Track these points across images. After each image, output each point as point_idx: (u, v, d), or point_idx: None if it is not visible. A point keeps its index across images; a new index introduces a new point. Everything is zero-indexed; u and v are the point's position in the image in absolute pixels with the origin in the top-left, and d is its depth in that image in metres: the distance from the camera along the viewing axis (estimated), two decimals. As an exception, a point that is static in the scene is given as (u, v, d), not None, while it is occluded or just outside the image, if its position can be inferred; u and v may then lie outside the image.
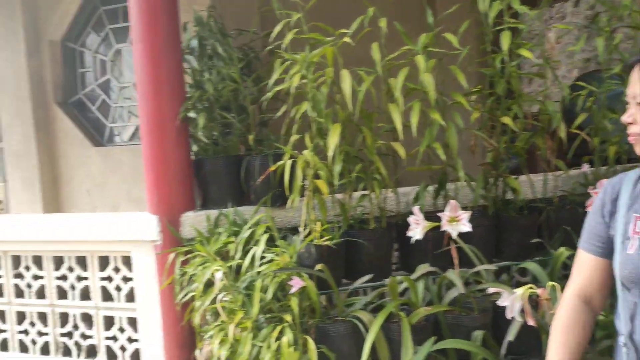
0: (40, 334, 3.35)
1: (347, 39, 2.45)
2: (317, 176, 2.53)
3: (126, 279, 3.13)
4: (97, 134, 5.11)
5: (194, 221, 2.89)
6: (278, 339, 2.20)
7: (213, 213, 2.89)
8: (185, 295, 2.72)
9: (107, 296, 3.19)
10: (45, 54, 5.10)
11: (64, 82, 5.19)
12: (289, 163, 2.56)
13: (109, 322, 3.19)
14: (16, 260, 3.39)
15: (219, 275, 2.34)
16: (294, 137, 2.65)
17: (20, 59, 5.05)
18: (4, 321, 3.44)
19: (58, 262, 3.28)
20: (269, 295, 2.31)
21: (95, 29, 5.06)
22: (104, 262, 3.18)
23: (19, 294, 3.39)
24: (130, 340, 3.13)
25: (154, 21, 2.86)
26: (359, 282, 2.47)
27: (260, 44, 3.70)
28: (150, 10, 2.86)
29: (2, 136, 5.27)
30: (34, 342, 3.37)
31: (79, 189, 5.09)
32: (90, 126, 5.13)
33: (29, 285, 3.36)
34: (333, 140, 2.42)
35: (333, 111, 2.56)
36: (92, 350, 3.24)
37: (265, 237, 2.43)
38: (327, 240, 2.48)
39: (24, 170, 5.15)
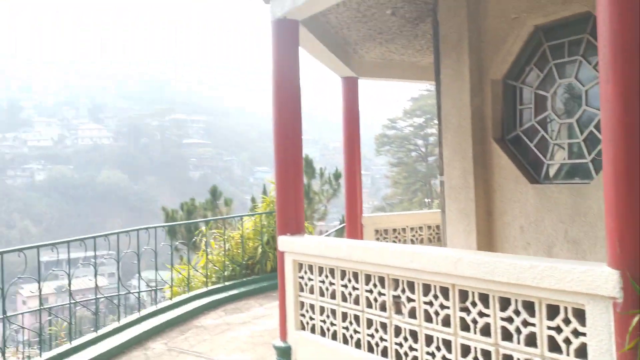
0: (483, 370, 3.41)
1: None
2: None
3: (577, 333, 2.93)
4: (534, 171, 5.06)
5: (667, 282, 2.53)
6: None
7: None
8: (656, 368, 2.37)
9: (554, 346, 3.05)
10: (486, 92, 5.31)
11: (502, 119, 5.31)
12: None
13: (555, 375, 3.04)
14: (463, 295, 3.54)
15: None
16: None
17: (464, 97, 5.37)
18: (449, 351, 3.62)
19: (504, 303, 3.29)
20: None
21: (537, 65, 5.03)
22: (552, 310, 3.05)
23: (464, 327, 3.53)
24: (580, 400, 2.91)
25: (629, 59, 2.63)
26: None
27: None
28: (624, 48, 2.63)
29: (444, 170, 5.67)
30: (476, 377, 3.45)
31: (512, 224, 5.10)
32: (526, 163, 5.11)
33: (474, 321, 3.46)
34: None
35: None
36: (534, 399, 3.14)
37: None
38: None
39: (461, 202, 5.44)
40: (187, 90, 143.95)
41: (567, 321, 2.97)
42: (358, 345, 4.37)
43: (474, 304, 3.47)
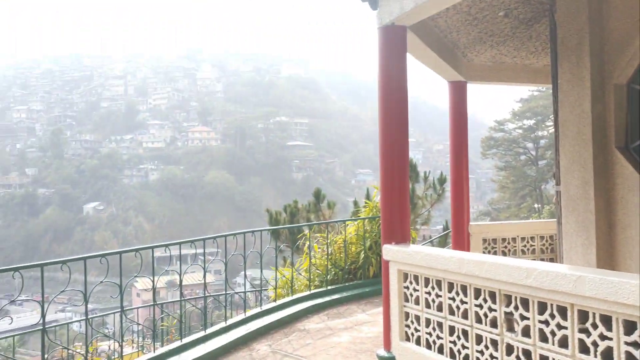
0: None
1: None
2: None
3: None
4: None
5: None
6: None
7: None
8: None
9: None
10: (609, 98, 4.98)
11: (627, 126, 4.95)
12: None
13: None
14: (582, 315, 3.32)
15: None
16: None
17: (584, 103, 5.05)
18: (566, 374, 3.41)
19: (629, 326, 3.06)
20: None
21: (668, 68, 4.65)
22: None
23: (583, 350, 3.31)
24: None
25: None
26: None
27: None
28: None
29: (560, 179, 5.37)
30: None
31: (636, 238, 4.74)
32: (653, 173, 4.74)
33: (594, 344, 3.24)
34: None
35: None
36: None
37: None
38: None
39: (579, 214, 5.12)
40: (291, 93, 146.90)
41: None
42: (466, 361, 4.23)
43: (594, 326, 3.25)
